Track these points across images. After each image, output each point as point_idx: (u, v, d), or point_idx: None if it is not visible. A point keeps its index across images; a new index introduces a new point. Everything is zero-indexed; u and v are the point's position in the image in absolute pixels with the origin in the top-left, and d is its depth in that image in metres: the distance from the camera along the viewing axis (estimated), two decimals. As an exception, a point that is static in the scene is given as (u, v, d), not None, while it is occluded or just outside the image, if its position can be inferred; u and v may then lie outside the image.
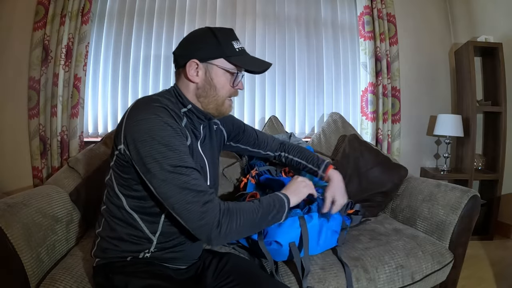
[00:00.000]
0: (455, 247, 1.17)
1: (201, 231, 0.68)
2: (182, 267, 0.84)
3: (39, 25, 1.70)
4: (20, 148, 1.77)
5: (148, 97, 0.78)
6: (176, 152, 0.69)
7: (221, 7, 2.07)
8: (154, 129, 0.69)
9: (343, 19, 2.27)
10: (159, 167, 0.67)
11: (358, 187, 1.47)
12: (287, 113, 2.17)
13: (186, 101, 0.82)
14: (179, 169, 0.68)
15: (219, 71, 0.80)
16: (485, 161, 2.26)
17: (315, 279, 0.95)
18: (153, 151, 0.67)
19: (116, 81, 1.94)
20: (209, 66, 0.79)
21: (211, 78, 0.80)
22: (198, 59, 0.78)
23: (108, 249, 0.78)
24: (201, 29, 0.83)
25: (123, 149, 0.71)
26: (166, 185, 0.67)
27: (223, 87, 0.81)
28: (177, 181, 0.67)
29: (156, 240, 0.78)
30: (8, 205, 0.88)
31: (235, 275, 0.82)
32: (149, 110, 0.71)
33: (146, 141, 0.68)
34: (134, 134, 0.69)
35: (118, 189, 0.77)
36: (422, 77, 2.40)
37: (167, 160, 0.67)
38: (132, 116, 0.71)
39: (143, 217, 0.77)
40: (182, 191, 0.67)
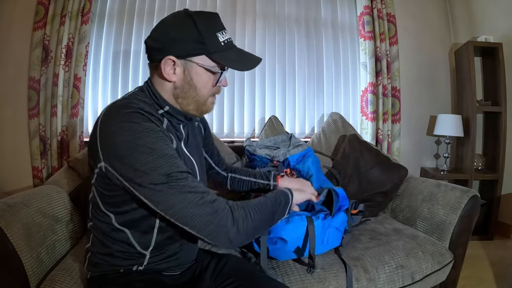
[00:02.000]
0: (455, 247, 1.17)
1: (217, 235, 0.62)
2: (176, 273, 0.79)
3: (39, 25, 1.70)
4: (20, 148, 1.77)
5: (117, 103, 0.67)
6: (165, 158, 0.61)
7: (221, 7, 2.07)
8: (133, 138, 0.60)
9: (343, 19, 2.27)
10: (151, 179, 0.60)
11: (358, 187, 1.47)
12: (287, 113, 2.17)
13: (162, 102, 0.72)
14: (174, 175, 0.61)
15: (199, 69, 0.69)
16: (485, 161, 2.26)
17: (315, 279, 0.95)
18: (140, 164, 0.59)
19: (116, 81, 1.94)
20: (188, 63, 0.68)
21: (191, 78, 0.70)
22: (175, 55, 0.67)
23: (99, 264, 0.73)
24: (178, 14, 0.69)
25: (104, 167, 0.63)
26: (163, 196, 0.60)
27: (204, 86, 0.71)
28: (174, 188, 0.60)
29: (149, 255, 0.73)
30: (8, 205, 0.88)
31: (235, 276, 0.79)
32: (121, 119, 0.62)
33: (128, 154, 0.60)
34: (113, 150, 0.61)
35: (104, 207, 0.70)
36: (422, 77, 2.40)
37: (158, 170, 0.60)
38: (105, 130, 0.63)
39: (134, 232, 0.70)
40: (184, 197, 0.61)
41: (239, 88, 2.09)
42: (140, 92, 0.73)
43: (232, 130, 2.08)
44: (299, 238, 0.97)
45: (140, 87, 0.76)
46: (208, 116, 2.03)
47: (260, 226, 0.70)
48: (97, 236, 0.73)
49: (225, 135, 2.07)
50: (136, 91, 0.74)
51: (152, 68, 0.73)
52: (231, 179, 1.07)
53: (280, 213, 0.77)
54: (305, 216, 0.98)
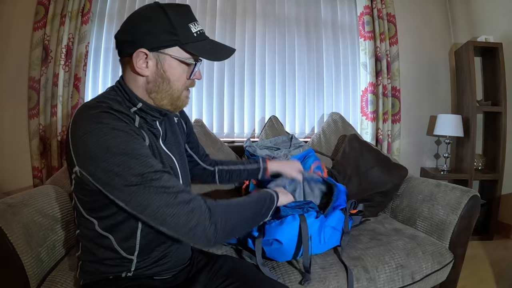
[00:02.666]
0: (455, 247, 1.17)
1: (194, 234, 0.61)
2: (168, 277, 0.77)
3: (39, 25, 1.70)
4: (20, 148, 1.77)
5: (86, 105, 0.65)
6: (138, 158, 0.59)
7: (221, 7, 2.07)
8: (103, 140, 0.58)
9: (343, 19, 2.28)
10: (124, 181, 0.58)
11: (358, 187, 1.47)
12: (287, 113, 2.17)
13: (135, 99, 0.69)
14: (147, 176, 0.59)
15: (173, 62, 0.67)
16: (485, 161, 2.26)
17: (315, 278, 0.95)
18: (111, 165, 0.58)
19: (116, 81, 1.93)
20: (161, 56, 0.66)
21: (164, 70, 0.67)
22: (148, 48, 0.65)
23: (90, 271, 0.72)
24: (149, 6, 0.67)
25: (79, 171, 0.61)
26: (138, 197, 0.58)
27: (178, 79, 0.69)
28: (149, 189, 0.59)
29: (136, 259, 0.71)
30: (8, 205, 0.88)
31: (233, 277, 0.78)
32: (90, 120, 0.60)
33: (99, 156, 0.58)
34: (84, 153, 0.59)
35: (86, 214, 0.68)
36: (422, 77, 2.40)
37: (131, 170, 0.58)
38: (75, 133, 0.61)
39: (118, 236, 0.69)
40: (159, 197, 0.59)
41: (239, 88, 2.09)
42: (111, 91, 0.71)
43: (232, 130, 2.08)
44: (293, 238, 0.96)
45: (111, 86, 0.73)
46: (208, 116, 2.04)
47: (240, 225, 0.69)
48: (85, 244, 0.72)
49: (225, 135, 2.07)
50: (107, 91, 0.72)
51: (124, 63, 0.70)
52: (219, 172, 1.04)
53: (263, 214, 0.76)
54: (297, 215, 0.98)
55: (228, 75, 2.07)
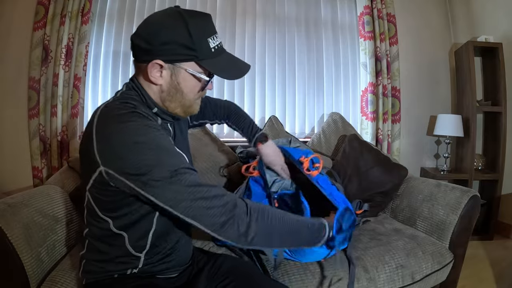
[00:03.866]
0: (455, 247, 1.17)
1: (227, 228, 0.60)
2: (172, 276, 0.78)
3: (39, 25, 1.71)
4: (20, 148, 1.77)
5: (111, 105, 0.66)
6: (170, 153, 0.62)
7: (221, 7, 2.07)
8: (135, 137, 0.59)
9: (343, 19, 2.28)
10: (158, 175, 0.58)
11: (358, 187, 1.47)
12: (287, 113, 2.17)
13: (151, 103, 0.71)
14: (180, 170, 0.60)
15: (187, 75, 0.67)
16: (485, 161, 2.26)
17: (315, 278, 0.95)
18: (145, 161, 0.58)
19: (116, 81, 1.94)
20: (176, 68, 0.66)
21: (178, 82, 0.68)
22: (163, 59, 0.64)
23: (93, 270, 0.72)
24: (170, 13, 0.66)
25: (104, 171, 0.60)
26: (171, 191, 0.59)
27: (191, 91, 0.70)
28: (182, 182, 0.59)
29: (144, 257, 0.72)
30: (8, 205, 0.88)
31: (232, 276, 0.78)
32: (119, 119, 0.61)
33: (132, 153, 0.58)
34: (115, 152, 0.59)
35: (101, 213, 0.68)
36: (422, 77, 2.40)
37: (164, 165, 0.59)
38: (102, 132, 0.61)
39: (132, 234, 0.69)
40: (193, 190, 0.59)
41: (239, 88, 2.09)
42: (130, 91, 0.71)
43: (232, 130, 2.07)
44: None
45: (127, 85, 0.73)
46: (208, 116, 2.03)
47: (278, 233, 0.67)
48: (93, 243, 0.72)
49: (225, 135, 2.07)
50: (126, 90, 0.72)
51: (138, 67, 0.70)
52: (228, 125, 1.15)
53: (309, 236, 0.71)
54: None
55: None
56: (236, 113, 1.13)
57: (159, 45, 0.64)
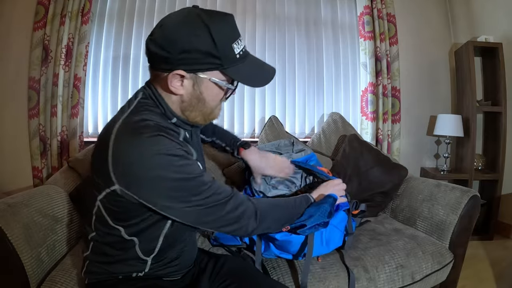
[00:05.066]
0: (455, 247, 1.17)
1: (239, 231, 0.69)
2: (177, 278, 0.78)
3: (39, 25, 1.71)
4: (20, 148, 1.77)
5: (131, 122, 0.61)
6: (194, 180, 0.61)
7: (221, 7, 2.07)
8: (159, 169, 0.57)
9: (343, 19, 2.27)
10: (182, 204, 0.61)
11: (358, 187, 1.47)
12: (287, 113, 2.17)
13: (170, 113, 0.67)
14: (204, 194, 0.62)
15: (210, 84, 0.63)
16: (485, 161, 2.26)
17: (315, 279, 0.95)
18: (169, 191, 0.59)
19: (116, 81, 1.94)
20: (199, 78, 0.62)
21: (200, 92, 0.64)
22: (185, 69, 0.60)
23: (97, 272, 0.72)
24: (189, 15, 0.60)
25: (120, 189, 0.60)
26: (193, 216, 0.63)
27: (213, 99, 0.66)
28: (203, 207, 0.62)
29: (150, 261, 0.72)
30: (8, 205, 0.88)
31: (233, 277, 0.79)
32: (140, 146, 0.57)
33: (157, 185, 0.58)
34: (138, 180, 0.58)
35: (113, 222, 0.67)
36: (422, 77, 2.40)
37: (188, 194, 0.60)
38: (122, 156, 0.58)
39: (142, 239, 0.69)
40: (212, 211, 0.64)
41: (239, 88, 2.07)
42: (148, 101, 0.66)
43: (232, 130, 2.08)
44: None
45: (143, 92, 0.67)
46: (208, 116, 2.03)
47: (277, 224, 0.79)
48: (100, 246, 0.71)
49: (225, 135, 2.06)
50: (142, 99, 0.66)
51: (155, 75, 0.65)
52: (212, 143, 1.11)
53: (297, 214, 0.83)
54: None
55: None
56: (220, 130, 1.13)
57: (179, 53, 0.58)
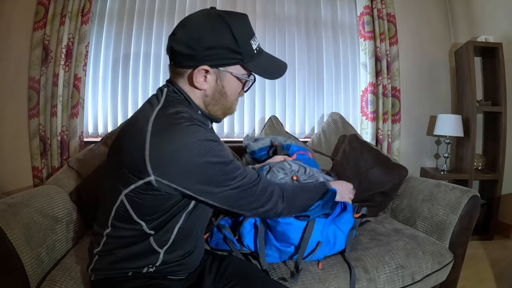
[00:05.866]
0: (455, 247, 1.17)
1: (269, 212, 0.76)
2: (183, 277, 0.79)
3: (39, 25, 1.70)
4: (20, 148, 1.77)
5: (167, 113, 0.64)
6: (231, 163, 0.67)
7: (221, 7, 2.07)
8: (199, 154, 0.61)
9: (343, 19, 2.27)
10: (219, 186, 0.66)
11: (358, 187, 1.45)
12: (287, 113, 2.17)
13: (195, 107, 0.71)
14: (238, 177, 0.68)
15: (232, 78, 0.69)
16: (485, 161, 2.26)
17: (315, 280, 0.95)
18: (213, 176, 0.64)
19: (116, 81, 1.94)
20: (222, 73, 0.68)
21: (223, 86, 0.69)
22: (209, 65, 0.65)
23: (106, 268, 0.72)
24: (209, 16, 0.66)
25: (155, 180, 0.62)
26: (231, 198, 0.69)
27: (234, 93, 0.72)
28: (239, 189, 0.68)
29: (163, 253, 0.72)
30: (8, 205, 0.88)
31: (237, 279, 0.79)
32: (179, 134, 0.61)
33: (199, 170, 0.62)
34: (179, 167, 0.61)
35: (137, 217, 0.67)
36: (422, 77, 2.40)
37: (228, 176, 0.66)
38: (162, 145, 0.60)
39: (158, 231, 0.70)
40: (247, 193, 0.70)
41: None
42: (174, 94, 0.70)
43: (232, 130, 2.08)
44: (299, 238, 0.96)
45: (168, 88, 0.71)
46: (208, 116, 2.03)
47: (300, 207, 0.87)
48: (113, 241, 0.71)
49: (225, 135, 2.07)
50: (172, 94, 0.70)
51: (177, 72, 0.69)
52: None
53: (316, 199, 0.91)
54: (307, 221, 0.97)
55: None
56: None
57: (204, 50, 0.64)
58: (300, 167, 1.12)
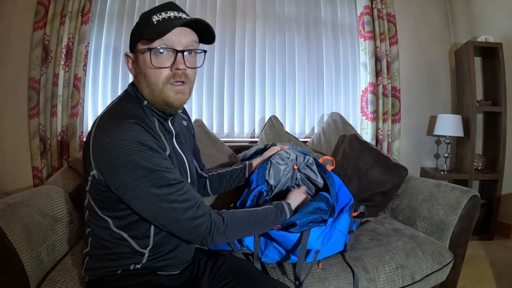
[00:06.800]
0: (455, 247, 1.17)
1: (195, 241, 0.72)
2: (175, 273, 0.79)
3: (39, 25, 1.70)
4: (20, 148, 1.77)
5: (110, 111, 0.70)
6: (157, 173, 0.63)
7: (221, 7, 2.07)
8: (127, 153, 0.61)
9: (343, 19, 2.27)
10: (143, 192, 0.63)
11: (358, 187, 1.47)
12: (287, 113, 2.17)
13: (141, 96, 0.74)
14: (165, 189, 0.64)
15: (141, 56, 0.70)
16: (485, 161, 2.26)
17: (315, 279, 0.95)
18: (132, 177, 0.62)
19: (116, 81, 1.94)
20: (135, 55, 0.73)
21: (139, 66, 0.72)
22: (130, 51, 0.74)
23: (97, 267, 0.74)
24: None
25: (97, 174, 0.65)
26: (153, 210, 0.65)
27: (149, 70, 0.69)
28: (164, 202, 0.64)
29: (148, 253, 0.74)
30: (8, 205, 0.88)
31: (232, 276, 0.79)
32: (115, 130, 0.63)
33: (122, 167, 0.62)
34: (107, 161, 0.63)
35: (101, 212, 0.71)
36: (422, 77, 2.40)
37: (150, 185, 0.63)
38: (99, 138, 0.64)
39: (132, 234, 0.72)
40: (171, 212, 0.65)
41: (239, 88, 2.09)
42: (129, 92, 0.76)
43: (232, 130, 2.08)
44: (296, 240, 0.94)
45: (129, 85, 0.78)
46: (208, 116, 2.04)
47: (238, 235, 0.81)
48: (96, 240, 0.74)
49: (225, 135, 2.07)
50: (127, 90, 0.77)
51: None
52: (210, 178, 1.08)
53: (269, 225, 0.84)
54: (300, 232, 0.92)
55: (228, 75, 2.07)
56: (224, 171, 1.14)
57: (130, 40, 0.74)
58: (299, 156, 1.12)
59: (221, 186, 1.10)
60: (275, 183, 1.08)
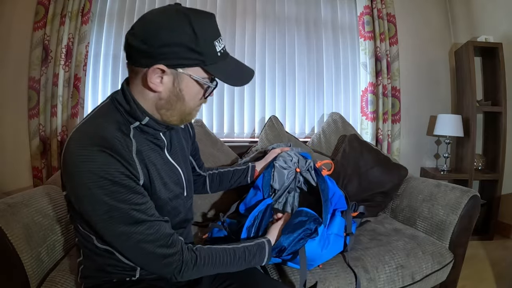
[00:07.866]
0: (455, 247, 1.17)
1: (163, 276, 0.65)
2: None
3: (39, 25, 1.71)
4: (20, 148, 1.77)
5: (82, 129, 0.61)
6: (121, 210, 0.58)
7: (221, 7, 2.07)
8: (89, 186, 0.56)
9: (343, 19, 2.27)
10: (107, 227, 0.59)
11: (358, 187, 1.47)
12: (287, 113, 2.17)
13: (140, 113, 0.64)
14: (131, 228, 0.59)
15: (191, 81, 0.61)
16: (485, 161, 2.26)
17: (315, 279, 0.95)
18: (96, 212, 0.58)
19: (116, 81, 1.94)
20: (180, 74, 0.60)
21: (180, 89, 0.61)
22: (165, 64, 0.58)
23: (91, 276, 0.72)
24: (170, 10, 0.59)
25: (68, 196, 0.63)
26: (118, 243, 0.61)
27: (193, 98, 0.64)
28: (129, 241, 0.59)
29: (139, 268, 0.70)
30: (8, 205, 0.88)
31: (233, 278, 0.78)
32: (80, 157, 0.57)
33: (86, 198, 0.57)
34: (72, 188, 0.59)
35: (83, 228, 0.66)
36: (422, 77, 2.40)
37: (113, 220, 0.58)
38: (66, 163, 0.59)
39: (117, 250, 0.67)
40: (138, 249, 0.60)
41: (239, 88, 2.08)
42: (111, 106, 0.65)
43: (232, 130, 2.08)
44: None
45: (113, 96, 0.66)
46: (208, 116, 2.04)
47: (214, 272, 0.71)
48: (86, 252, 0.71)
49: (225, 135, 2.07)
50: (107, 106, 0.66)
51: (133, 71, 0.63)
52: (210, 177, 1.06)
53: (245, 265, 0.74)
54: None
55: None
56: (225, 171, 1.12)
57: (160, 46, 0.57)
58: (300, 159, 1.12)
59: (222, 185, 1.09)
60: (279, 186, 1.09)
